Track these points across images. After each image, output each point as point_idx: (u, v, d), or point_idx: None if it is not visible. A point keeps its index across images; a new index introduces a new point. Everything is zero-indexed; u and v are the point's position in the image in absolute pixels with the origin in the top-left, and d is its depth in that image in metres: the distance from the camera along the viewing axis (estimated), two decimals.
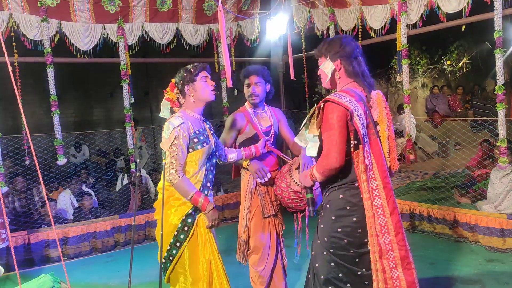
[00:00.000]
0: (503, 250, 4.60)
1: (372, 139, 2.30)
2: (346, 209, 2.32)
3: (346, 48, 2.37)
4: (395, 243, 2.27)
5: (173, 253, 2.71)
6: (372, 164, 2.28)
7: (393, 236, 2.27)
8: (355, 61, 2.38)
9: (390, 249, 2.28)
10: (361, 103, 2.28)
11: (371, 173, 2.27)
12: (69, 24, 5.58)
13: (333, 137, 2.22)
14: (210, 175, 2.82)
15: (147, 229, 5.93)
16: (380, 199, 2.27)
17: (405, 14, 5.30)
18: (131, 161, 5.96)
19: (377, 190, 2.27)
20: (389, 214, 2.27)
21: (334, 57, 2.39)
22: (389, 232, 2.27)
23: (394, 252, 2.28)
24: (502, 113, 4.56)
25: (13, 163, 6.46)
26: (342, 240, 2.31)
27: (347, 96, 2.27)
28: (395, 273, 2.28)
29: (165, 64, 10.19)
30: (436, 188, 6.19)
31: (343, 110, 2.23)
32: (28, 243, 5.20)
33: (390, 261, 2.28)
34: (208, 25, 6.62)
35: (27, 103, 8.96)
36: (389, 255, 2.28)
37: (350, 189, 2.33)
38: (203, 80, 2.76)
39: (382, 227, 2.27)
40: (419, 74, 11.27)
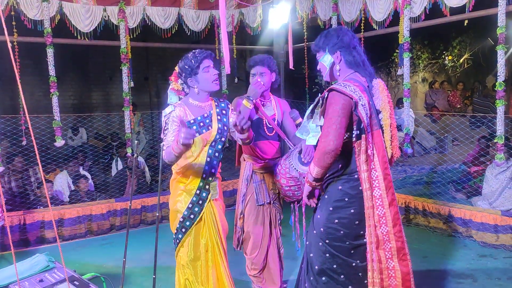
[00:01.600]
0: (496, 246, 4.64)
1: (374, 129, 2.29)
2: (344, 201, 2.32)
3: (344, 39, 2.36)
4: (392, 234, 2.30)
5: (179, 237, 2.80)
6: (373, 154, 2.28)
7: (391, 227, 2.29)
8: (355, 50, 2.37)
9: (387, 240, 2.29)
10: (365, 93, 2.28)
11: (372, 164, 2.27)
12: (70, 5, 5.53)
13: (334, 122, 2.20)
14: (215, 161, 2.80)
15: (143, 213, 5.95)
16: (379, 190, 2.28)
17: (409, 7, 5.27)
18: (128, 145, 5.94)
19: (377, 181, 2.28)
20: (388, 205, 2.28)
21: (333, 49, 2.38)
22: (387, 223, 2.29)
23: (390, 243, 2.30)
24: (501, 109, 4.56)
25: (10, 143, 6.45)
26: (339, 231, 2.31)
27: (351, 85, 2.25)
28: (391, 263, 2.30)
29: (166, 49, 10.14)
30: (432, 183, 6.22)
31: (348, 99, 2.22)
32: (23, 223, 5.21)
33: (386, 251, 2.29)
34: (210, 11, 6.56)
35: (26, 84, 8.92)
36: (385, 246, 2.29)
37: (349, 180, 2.32)
38: (205, 71, 2.70)
39: (380, 218, 2.28)
40: (420, 68, 11.25)
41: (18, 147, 6.12)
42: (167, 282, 3.80)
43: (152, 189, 6.44)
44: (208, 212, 2.81)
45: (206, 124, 2.75)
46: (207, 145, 2.77)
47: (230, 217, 3.37)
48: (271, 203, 3.39)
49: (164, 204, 5.96)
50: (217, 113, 2.82)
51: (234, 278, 2.96)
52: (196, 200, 2.78)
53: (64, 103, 9.28)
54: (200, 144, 2.74)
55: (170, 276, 3.91)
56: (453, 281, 3.91)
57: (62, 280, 2.66)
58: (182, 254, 2.83)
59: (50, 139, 5.70)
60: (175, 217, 2.84)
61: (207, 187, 2.79)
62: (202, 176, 2.76)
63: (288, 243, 3.73)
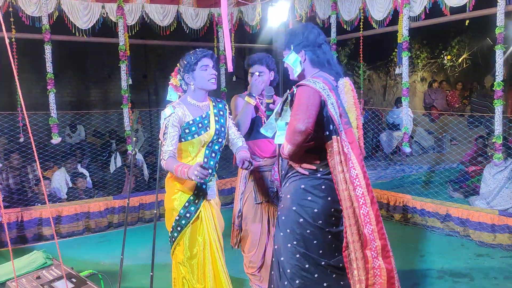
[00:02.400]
0: (493, 245, 4.65)
1: (346, 128, 2.25)
2: (307, 200, 2.29)
3: (309, 37, 2.33)
4: (376, 233, 2.26)
5: (174, 235, 2.81)
6: (350, 153, 2.24)
7: (375, 225, 2.26)
8: (319, 49, 2.33)
9: (372, 239, 2.26)
10: (333, 92, 2.24)
11: (350, 163, 2.23)
12: (68, 2, 5.52)
13: (303, 104, 2.16)
14: (212, 161, 2.81)
15: (141, 211, 5.94)
16: (361, 188, 2.24)
17: (408, 6, 5.27)
18: (127, 143, 5.95)
19: (358, 179, 2.23)
20: (370, 203, 2.25)
21: (297, 48, 2.35)
22: (371, 222, 2.25)
23: (375, 241, 2.26)
24: (499, 109, 4.57)
25: (8, 140, 6.44)
26: (305, 231, 2.29)
27: (321, 83, 2.22)
28: (376, 262, 2.27)
29: (164, 47, 10.12)
30: (430, 182, 6.23)
31: (317, 93, 2.18)
32: (21, 220, 5.20)
33: (372, 251, 2.26)
34: (209, 9, 6.55)
35: (23, 80, 8.90)
36: (371, 245, 2.26)
37: (312, 179, 2.30)
38: (202, 69, 2.71)
39: (364, 217, 2.24)
40: (419, 68, 11.27)
41: (16, 144, 6.10)
42: (164, 280, 3.80)
43: (150, 187, 6.44)
44: (204, 210, 2.81)
45: (204, 125, 2.75)
46: (204, 146, 2.77)
47: (228, 215, 3.38)
48: (269, 202, 3.38)
49: (162, 202, 5.94)
50: (214, 113, 2.82)
51: (231, 276, 2.96)
52: (193, 199, 2.78)
53: (62, 100, 9.26)
54: (198, 145, 2.75)
55: (167, 273, 3.90)
56: (450, 280, 3.92)
57: (60, 277, 2.66)
58: (178, 253, 2.83)
59: (48, 136, 5.69)
60: (170, 215, 2.84)
61: (204, 187, 2.80)
62: None
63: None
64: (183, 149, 2.77)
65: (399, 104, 7.90)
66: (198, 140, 2.73)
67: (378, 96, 11.47)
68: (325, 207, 2.27)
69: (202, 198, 2.80)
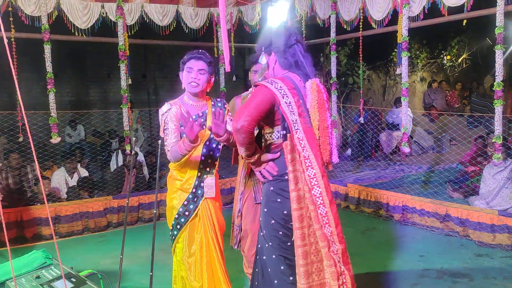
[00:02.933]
0: (492, 245, 4.65)
1: (305, 128, 2.23)
2: (277, 202, 2.30)
3: (278, 40, 2.37)
4: (336, 235, 2.22)
5: (174, 234, 2.86)
6: (307, 152, 2.21)
7: (334, 227, 2.21)
8: (288, 52, 2.36)
9: (332, 241, 2.22)
10: (294, 91, 2.25)
11: (307, 161, 2.20)
12: (67, 1, 5.51)
13: (250, 103, 2.19)
14: (209, 159, 2.83)
15: (140, 211, 5.94)
16: (319, 188, 2.20)
17: (407, 6, 5.27)
18: (126, 142, 5.94)
19: (316, 179, 2.20)
20: (329, 204, 2.21)
21: (268, 51, 2.40)
22: (330, 223, 2.21)
23: (336, 244, 2.23)
24: (499, 109, 4.57)
25: (7, 140, 6.43)
26: (277, 232, 2.30)
27: (279, 82, 2.24)
28: (341, 267, 2.25)
29: (164, 47, 10.13)
30: (430, 182, 6.24)
31: (271, 93, 2.20)
32: (20, 220, 5.20)
33: (334, 254, 2.23)
34: (208, 8, 6.55)
35: (23, 80, 8.90)
36: (333, 248, 2.22)
37: (281, 181, 2.31)
38: (187, 71, 2.75)
39: (323, 217, 2.20)
40: (419, 68, 11.28)
41: (15, 144, 6.10)
42: (164, 279, 3.79)
43: (149, 187, 6.43)
44: (203, 208, 2.84)
45: (201, 123, 2.77)
46: (201, 143, 2.78)
47: (228, 215, 3.37)
48: None
49: (161, 202, 5.96)
50: (212, 112, 2.83)
51: (231, 275, 2.96)
52: (191, 197, 2.81)
53: (61, 100, 9.26)
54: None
55: (167, 273, 3.90)
56: (449, 280, 3.92)
57: (59, 277, 2.65)
58: (178, 250, 2.87)
59: (47, 136, 5.68)
60: (171, 213, 2.88)
61: (202, 184, 2.82)
62: (197, 175, 2.80)
63: None
64: None
65: (398, 104, 7.90)
66: None
67: (377, 96, 11.47)
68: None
69: (201, 197, 2.82)
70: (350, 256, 2.23)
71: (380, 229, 5.42)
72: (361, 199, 6.03)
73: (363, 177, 6.82)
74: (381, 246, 4.86)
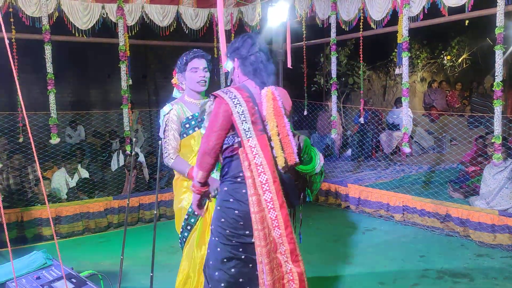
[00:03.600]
0: (493, 245, 4.65)
1: (258, 135, 2.30)
2: (229, 202, 2.37)
3: (241, 47, 2.43)
4: (285, 237, 2.31)
5: (185, 235, 2.85)
6: (260, 158, 2.29)
7: (283, 229, 2.30)
8: (249, 60, 2.41)
9: (281, 242, 2.32)
10: (248, 99, 2.31)
11: (260, 168, 2.28)
12: (68, 2, 5.52)
13: (213, 123, 2.30)
14: None
15: (141, 211, 5.94)
16: (270, 193, 2.29)
17: (407, 6, 5.27)
18: (127, 143, 5.95)
19: (267, 184, 2.29)
20: (279, 208, 2.29)
21: (232, 56, 2.47)
22: (279, 226, 2.30)
23: (284, 245, 2.32)
24: (499, 109, 4.57)
25: (8, 140, 6.43)
26: (225, 230, 2.37)
27: (234, 92, 2.31)
28: (288, 266, 2.34)
29: (164, 47, 10.11)
30: (430, 182, 6.23)
31: (225, 104, 2.29)
32: (21, 220, 5.20)
33: (282, 255, 2.33)
34: (209, 9, 6.56)
35: (23, 81, 8.89)
36: (281, 249, 2.33)
37: (234, 183, 2.38)
38: (192, 71, 2.79)
39: (272, 221, 2.30)
40: (419, 68, 11.26)
41: (16, 144, 6.10)
42: (164, 280, 3.80)
43: (150, 187, 6.43)
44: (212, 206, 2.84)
45: (199, 121, 2.79)
46: None
47: None
48: None
49: (162, 202, 5.96)
50: None
51: None
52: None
53: (62, 100, 9.24)
54: (199, 139, 2.77)
55: (167, 273, 3.91)
56: (450, 281, 3.92)
57: (60, 277, 2.66)
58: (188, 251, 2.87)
59: (48, 137, 5.69)
60: (180, 216, 2.86)
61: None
62: None
63: None
64: (186, 145, 2.81)
65: (399, 104, 7.90)
66: (198, 134, 2.77)
67: (378, 96, 11.46)
68: (245, 211, 2.33)
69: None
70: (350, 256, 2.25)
71: (381, 229, 5.42)
72: (362, 199, 6.03)
73: (363, 177, 6.82)
74: (382, 246, 4.86)
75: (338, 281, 3.98)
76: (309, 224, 5.55)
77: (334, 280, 4.00)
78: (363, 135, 8.06)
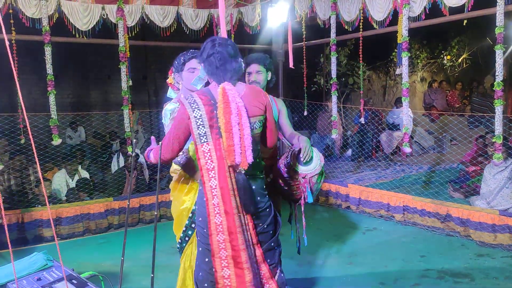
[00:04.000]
0: (493, 245, 4.64)
1: (215, 139, 2.30)
2: (203, 200, 2.40)
3: (203, 51, 2.46)
4: (228, 243, 2.30)
5: (188, 234, 2.83)
6: (213, 163, 2.29)
7: (227, 235, 2.30)
8: (208, 60, 2.41)
9: (223, 248, 2.31)
10: (209, 103, 2.31)
11: (212, 173, 2.30)
12: (68, 3, 5.52)
13: (173, 126, 2.36)
14: None
15: (141, 212, 5.94)
16: (217, 198, 2.30)
17: (408, 6, 5.27)
18: (128, 144, 5.96)
19: (216, 190, 2.30)
20: (225, 214, 2.29)
21: (200, 61, 2.50)
22: (224, 232, 2.30)
23: (227, 251, 2.31)
24: (500, 109, 4.57)
25: (8, 142, 6.44)
26: (202, 229, 2.42)
27: (194, 97, 2.33)
28: (226, 272, 2.33)
29: (164, 48, 10.11)
30: (430, 182, 6.23)
31: (184, 108, 2.33)
32: (21, 222, 5.20)
33: (222, 260, 2.32)
34: (209, 10, 6.55)
35: (24, 82, 8.89)
36: (221, 254, 2.32)
37: (200, 190, 2.47)
38: (190, 71, 2.80)
39: (217, 226, 2.31)
40: (419, 68, 11.26)
41: (17, 146, 6.11)
42: (165, 281, 3.80)
43: (150, 188, 6.44)
44: None
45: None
46: None
47: None
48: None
49: (162, 203, 5.96)
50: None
51: None
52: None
53: (62, 101, 9.25)
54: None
55: (168, 274, 3.91)
56: (450, 281, 3.92)
57: (60, 278, 2.66)
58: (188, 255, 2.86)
59: (48, 138, 5.69)
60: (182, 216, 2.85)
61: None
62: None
63: (287, 242, 3.73)
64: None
65: (399, 104, 7.90)
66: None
67: (378, 96, 11.46)
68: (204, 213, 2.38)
69: None
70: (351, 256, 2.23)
71: (381, 230, 5.42)
72: (362, 199, 6.02)
73: (363, 177, 6.82)
74: (382, 246, 4.86)
75: (339, 281, 3.98)
76: (310, 224, 5.56)
77: (335, 280, 4.00)
78: (363, 135, 8.05)
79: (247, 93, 2.37)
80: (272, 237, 2.50)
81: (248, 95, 2.36)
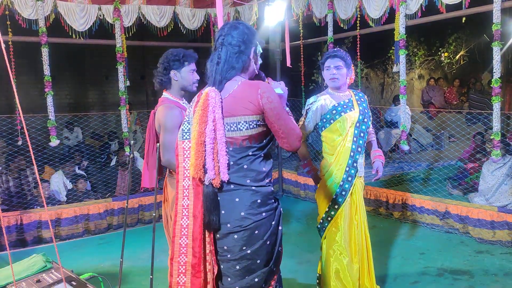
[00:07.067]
0: (492, 242, 4.65)
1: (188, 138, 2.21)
2: None
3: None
4: (191, 248, 2.15)
5: (331, 214, 3.01)
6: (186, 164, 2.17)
7: (191, 240, 2.16)
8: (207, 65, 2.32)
9: (184, 253, 2.18)
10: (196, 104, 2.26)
11: (187, 172, 2.17)
12: (64, 4, 5.51)
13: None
14: (360, 140, 3.15)
15: (140, 212, 5.94)
16: (188, 200, 2.18)
17: (404, 4, 5.27)
18: (125, 144, 5.94)
19: (188, 191, 2.18)
20: (193, 217, 2.15)
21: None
22: (188, 236, 2.17)
23: (187, 257, 2.17)
24: (497, 106, 4.57)
25: (6, 143, 6.43)
26: None
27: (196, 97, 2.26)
28: (182, 279, 2.19)
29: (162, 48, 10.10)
30: (429, 179, 6.24)
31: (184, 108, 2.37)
32: (20, 223, 5.19)
33: (180, 265, 2.19)
34: (205, 9, 6.55)
35: (21, 83, 8.87)
36: (180, 259, 2.19)
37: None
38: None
39: (182, 229, 2.18)
40: (416, 65, 11.27)
41: (14, 147, 6.09)
42: (164, 282, 3.79)
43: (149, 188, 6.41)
44: (355, 190, 3.07)
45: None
46: (352, 126, 3.14)
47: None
48: None
49: (161, 203, 5.95)
50: None
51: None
52: (345, 177, 3.08)
53: (60, 102, 9.25)
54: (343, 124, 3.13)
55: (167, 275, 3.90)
56: (450, 278, 3.93)
57: (59, 280, 2.65)
58: (331, 236, 3.06)
59: (46, 139, 5.68)
60: (323, 196, 3.05)
61: (355, 164, 3.12)
62: (350, 155, 3.11)
63: (288, 241, 3.73)
64: (333, 130, 3.16)
65: (396, 101, 7.90)
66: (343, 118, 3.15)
67: (375, 94, 11.47)
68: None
69: (354, 176, 3.06)
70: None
71: (380, 227, 5.43)
72: None
73: None
74: (381, 244, 4.86)
75: None
76: (309, 223, 5.55)
77: None
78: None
79: (238, 91, 2.10)
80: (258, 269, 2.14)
81: (237, 94, 2.09)
